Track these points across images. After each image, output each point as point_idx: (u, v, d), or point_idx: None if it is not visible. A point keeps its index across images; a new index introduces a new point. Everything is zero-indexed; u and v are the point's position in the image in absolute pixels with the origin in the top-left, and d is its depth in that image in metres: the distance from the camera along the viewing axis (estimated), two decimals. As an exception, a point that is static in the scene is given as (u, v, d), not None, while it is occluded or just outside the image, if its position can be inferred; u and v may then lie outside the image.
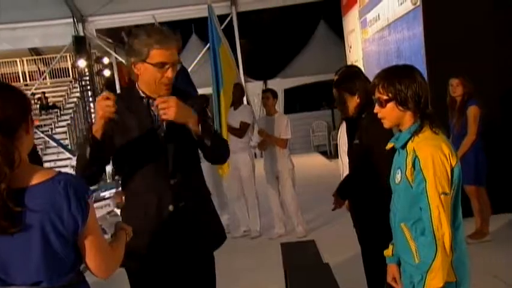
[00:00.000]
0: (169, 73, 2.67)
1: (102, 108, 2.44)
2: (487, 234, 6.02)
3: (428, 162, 2.32)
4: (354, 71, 3.71)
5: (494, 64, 7.04)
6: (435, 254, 2.29)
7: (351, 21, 13.19)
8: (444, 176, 2.31)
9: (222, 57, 7.16)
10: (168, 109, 2.53)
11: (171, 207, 2.67)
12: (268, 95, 7.15)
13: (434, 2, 7.15)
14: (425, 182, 2.31)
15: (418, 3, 7.50)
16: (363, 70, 4.18)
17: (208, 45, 19.93)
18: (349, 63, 13.71)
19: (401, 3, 8.36)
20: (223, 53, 7.20)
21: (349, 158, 3.72)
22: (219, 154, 2.80)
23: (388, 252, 2.70)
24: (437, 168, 2.30)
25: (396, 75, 2.45)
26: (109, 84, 21.85)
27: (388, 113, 2.48)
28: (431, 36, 7.15)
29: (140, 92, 2.73)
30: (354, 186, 3.52)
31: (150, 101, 2.69)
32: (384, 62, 9.65)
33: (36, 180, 1.79)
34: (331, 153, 17.79)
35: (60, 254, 1.81)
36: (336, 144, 17.77)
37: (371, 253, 3.49)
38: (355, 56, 12.98)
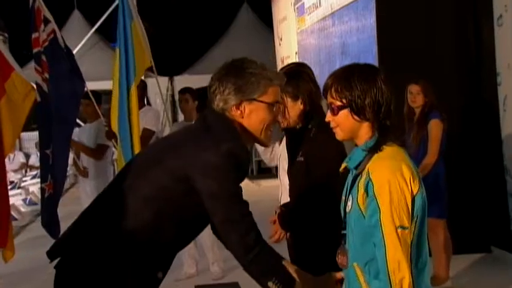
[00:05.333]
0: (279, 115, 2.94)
1: None
2: (446, 280, 6.19)
3: (383, 187, 2.35)
4: (298, 70, 3.74)
5: (458, 68, 7.32)
6: None
7: (283, 6, 13.35)
8: (402, 205, 2.34)
9: (134, 37, 6.78)
10: None
11: (160, 275, 2.87)
12: (187, 96, 7.15)
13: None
14: (380, 212, 2.34)
15: (370, -12, 7.70)
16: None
17: (95, 27, 19.75)
18: (279, 58, 13.89)
19: (348, -13, 8.55)
20: (135, 32, 6.82)
21: (289, 179, 3.71)
22: None
23: None
24: (395, 196, 2.34)
25: (353, 77, 2.48)
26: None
27: (341, 122, 2.51)
28: (385, 30, 7.33)
29: None
30: (298, 214, 3.53)
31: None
32: (324, 60, 9.82)
33: None
34: (252, 173, 17.86)
35: None
36: (259, 162, 17.86)
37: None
38: (287, 50, 13.15)
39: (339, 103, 2.49)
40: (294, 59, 11.85)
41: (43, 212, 6.04)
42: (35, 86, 5.85)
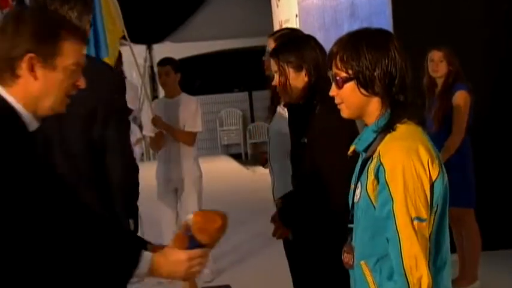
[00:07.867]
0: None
1: None
2: (475, 280, 6.24)
3: (396, 172, 2.36)
4: (301, 35, 3.75)
5: (486, 31, 7.29)
6: None
7: (281, -40, 13.32)
8: (419, 193, 2.35)
9: (103, 5, 6.69)
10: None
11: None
12: (168, 68, 7.16)
13: None
14: (393, 201, 2.35)
15: None
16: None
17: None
18: (276, 22, 13.82)
19: None
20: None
21: (292, 164, 3.73)
22: None
23: None
24: (410, 183, 2.35)
25: (362, 44, 2.49)
26: None
27: (346, 97, 2.52)
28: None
29: None
30: (301, 206, 3.54)
31: None
32: (330, 23, 9.80)
33: None
34: (247, 157, 17.89)
35: None
36: (255, 144, 17.87)
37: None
38: (286, 13, 13.09)
39: (344, 74, 2.50)
40: (294, 23, 11.80)
41: None
42: None
